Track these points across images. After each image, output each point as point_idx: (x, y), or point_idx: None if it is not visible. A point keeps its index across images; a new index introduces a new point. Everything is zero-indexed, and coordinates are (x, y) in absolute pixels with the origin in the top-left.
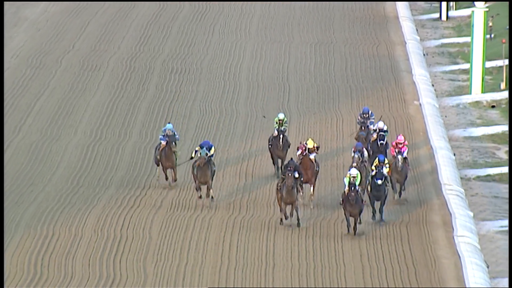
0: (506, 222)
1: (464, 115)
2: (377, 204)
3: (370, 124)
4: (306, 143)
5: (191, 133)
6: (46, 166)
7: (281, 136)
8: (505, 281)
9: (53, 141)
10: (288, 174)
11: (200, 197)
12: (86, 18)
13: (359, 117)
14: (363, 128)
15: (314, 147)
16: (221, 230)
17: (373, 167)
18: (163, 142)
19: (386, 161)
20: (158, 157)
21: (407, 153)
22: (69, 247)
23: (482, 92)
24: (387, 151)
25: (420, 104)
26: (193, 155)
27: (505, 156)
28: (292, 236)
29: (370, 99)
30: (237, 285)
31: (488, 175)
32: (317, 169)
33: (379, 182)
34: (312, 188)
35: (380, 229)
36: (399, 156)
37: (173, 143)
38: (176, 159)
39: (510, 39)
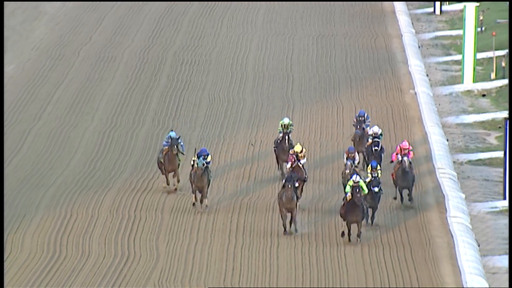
0: (496, 204)
1: (457, 103)
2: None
3: (366, 127)
4: (295, 154)
5: (200, 120)
6: (64, 152)
7: (287, 138)
8: (495, 259)
9: (71, 128)
10: (288, 186)
11: (194, 204)
12: (102, 12)
13: (354, 120)
14: (358, 126)
15: (302, 151)
16: (229, 212)
17: (368, 174)
18: (166, 147)
19: (379, 167)
20: (162, 160)
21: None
22: (86, 227)
23: (473, 82)
24: (382, 155)
25: (415, 93)
26: (191, 162)
27: (495, 142)
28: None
29: (368, 88)
30: (244, 264)
31: (479, 160)
32: (306, 176)
33: (376, 189)
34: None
35: (377, 212)
36: (405, 158)
37: (175, 146)
38: (179, 162)
39: (510, 38)
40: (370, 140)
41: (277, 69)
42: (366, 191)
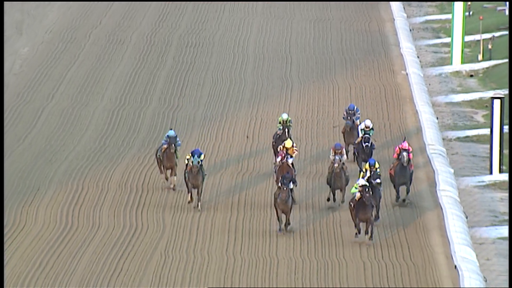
0: (483, 178)
1: (446, 83)
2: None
3: (356, 120)
4: (285, 149)
5: (204, 99)
6: (76, 129)
7: (287, 131)
8: (482, 230)
9: (82, 107)
10: (283, 188)
11: (190, 201)
12: None
13: (345, 113)
14: (349, 118)
15: (292, 147)
16: (230, 189)
17: (364, 171)
18: (165, 146)
19: (377, 165)
20: (161, 157)
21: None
22: (96, 200)
23: (461, 63)
24: (373, 151)
25: (407, 74)
26: (185, 161)
27: (482, 120)
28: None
29: (362, 70)
30: (245, 234)
31: (467, 136)
32: (295, 173)
33: (378, 180)
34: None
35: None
36: (404, 153)
37: (173, 145)
38: (177, 159)
39: (510, 37)
40: (360, 137)
41: (276, 51)
42: (371, 192)
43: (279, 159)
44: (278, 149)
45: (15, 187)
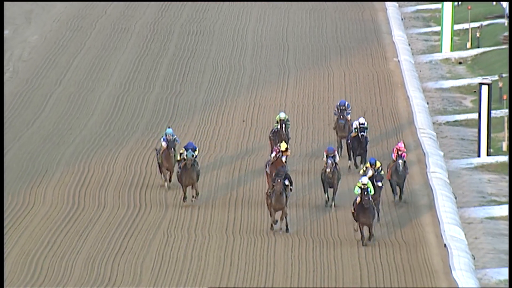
0: (471, 160)
1: (436, 70)
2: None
3: (347, 115)
4: (280, 150)
5: (205, 85)
6: (82, 113)
7: (284, 126)
8: (471, 210)
9: (88, 92)
10: (278, 181)
11: (185, 199)
12: None
13: (336, 109)
14: (341, 116)
15: (286, 149)
16: (232, 164)
17: (364, 169)
18: (164, 144)
19: (379, 164)
20: (160, 160)
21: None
22: (102, 181)
23: (451, 51)
24: (367, 146)
25: (398, 61)
26: (178, 157)
27: (471, 105)
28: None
29: (356, 57)
30: (244, 215)
31: (456, 121)
32: (287, 170)
33: (380, 184)
34: None
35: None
36: (400, 161)
37: (172, 149)
38: (175, 161)
39: (510, 37)
40: (355, 132)
41: (274, 39)
42: (373, 192)
43: (273, 154)
44: (275, 148)
45: (24, 169)
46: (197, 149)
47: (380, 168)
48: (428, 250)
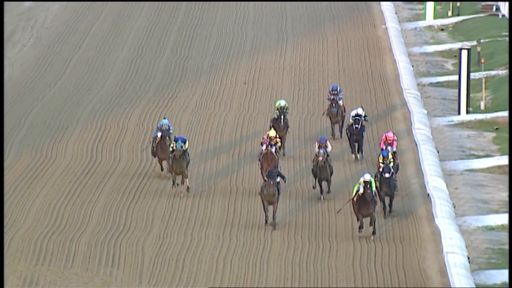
0: (452, 118)
1: (420, 36)
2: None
3: (339, 100)
4: (269, 136)
5: (211, 50)
6: (99, 75)
7: (282, 116)
8: (451, 163)
9: (105, 56)
10: (270, 182)
11: (174, 185)
12: None
13: (328, 94)
14: (333, 105)
15: (276, 137)
16: (234, 122)
17: (380, 163)
18: (159, 135)
19: (390, 156)
20: (155, 149)
21: (396, 147)
22: (117, 137)
23: (434, 19)
24: (364, 134)
25: (386, 28)
26: (170, 150)
27: (451, 67)
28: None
29: (348, 24)
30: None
31: (438, 82)
32: (278, 162)
33: (387, 175)
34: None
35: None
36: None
37: (167, 137)
38: (169, 151)
39: (510, 37)
40: (351, 120)
41: (273, 8)
42: (374, 187)
43: (263, 147)
44: (264, 137)
45: (47, 126)
46: (187, 142)
47: (391, 161)
48: (413, 200)
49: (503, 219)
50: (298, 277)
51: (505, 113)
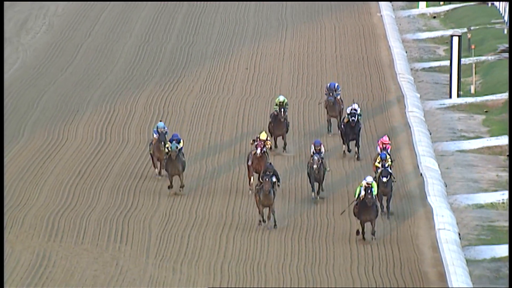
0: (444, 101)
1: (414, 23)
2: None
3: (337, 96)
4: (260, 138)
5: (214, 36)
6: (108, 61)
7: (282, 110)
8: (443, 144)
9: (114, 43)
10: (266, 180)
11: (169, 187)
12: None
13: (326, 90)
14: (331, 94)
15: (267, 139)
16: (237, 105)
17: (377, 164)
18: (155, 136)
19: (389, 157)
20: (152, 151)
21: (390, 151)
22: (126, 119)
23: (426, 7)
24: (360, 131)
25: (381, 16)
26: (165, 151)
27: (443, 53)
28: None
29: (344, 12)
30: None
31: (431, 67)
32: (269, 161)
33: (384, 180)
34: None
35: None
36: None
37: (162, 142)
38: (165, 152)
39: (510, 37)
40: (346, 118)
41: None
42: (376, 191)
43: (258, 150)
44: (256, 139)
45: (59, 108)
46: (181, 141)
47: (390, 163)
48: (406, 179)
49: (493, 197)
50: (297, 252)
51: (494, 97)
